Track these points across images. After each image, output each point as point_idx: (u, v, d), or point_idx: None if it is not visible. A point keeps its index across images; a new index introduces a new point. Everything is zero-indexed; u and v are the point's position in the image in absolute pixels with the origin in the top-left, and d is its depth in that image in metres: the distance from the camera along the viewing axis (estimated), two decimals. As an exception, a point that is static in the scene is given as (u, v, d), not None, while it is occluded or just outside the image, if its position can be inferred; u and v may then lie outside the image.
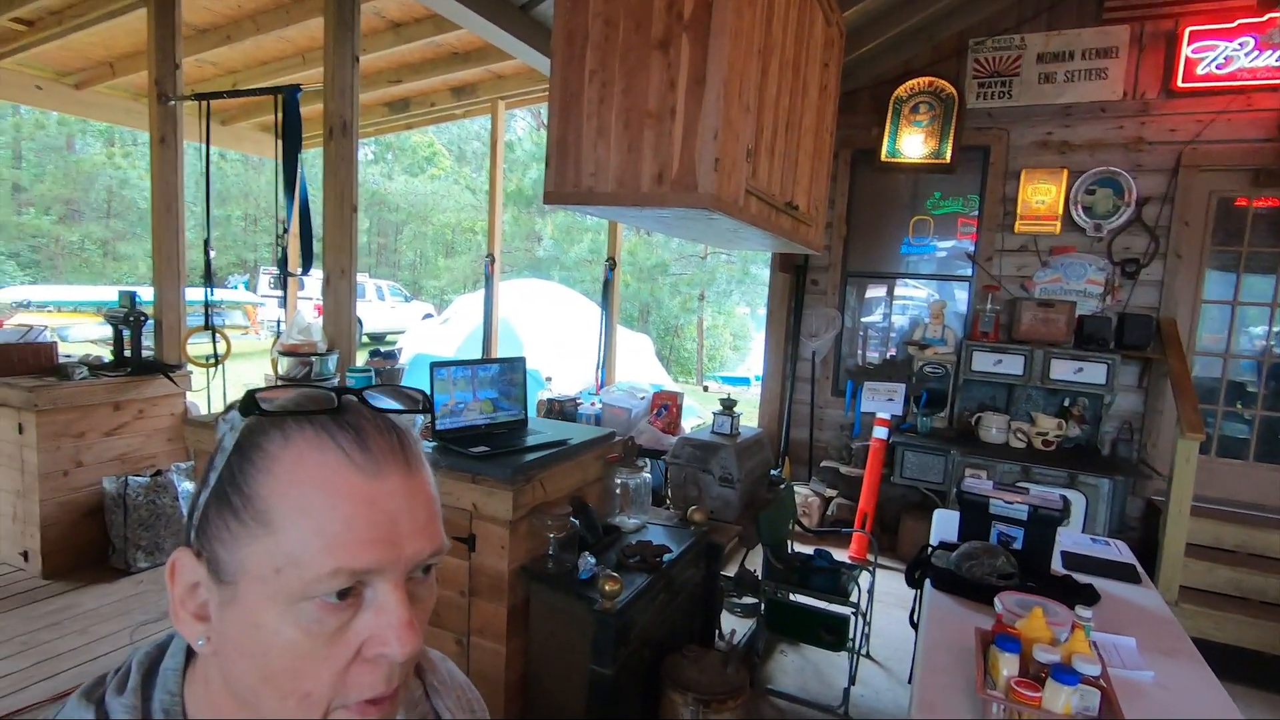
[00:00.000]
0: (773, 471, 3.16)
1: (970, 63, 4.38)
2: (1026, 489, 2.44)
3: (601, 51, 1.90)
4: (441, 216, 19.45)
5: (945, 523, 2.71)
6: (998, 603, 1.85)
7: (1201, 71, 3.86)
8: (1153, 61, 4.00)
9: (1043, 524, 2.24)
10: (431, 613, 0.51)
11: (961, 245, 4.60)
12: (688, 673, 2.09)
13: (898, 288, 4.95)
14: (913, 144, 4.44)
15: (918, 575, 2.34)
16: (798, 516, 3.43)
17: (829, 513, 4.57)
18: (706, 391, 11.26)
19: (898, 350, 4.83)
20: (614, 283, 5.42)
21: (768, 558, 2.81)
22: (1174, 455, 3.42)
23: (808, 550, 3.05)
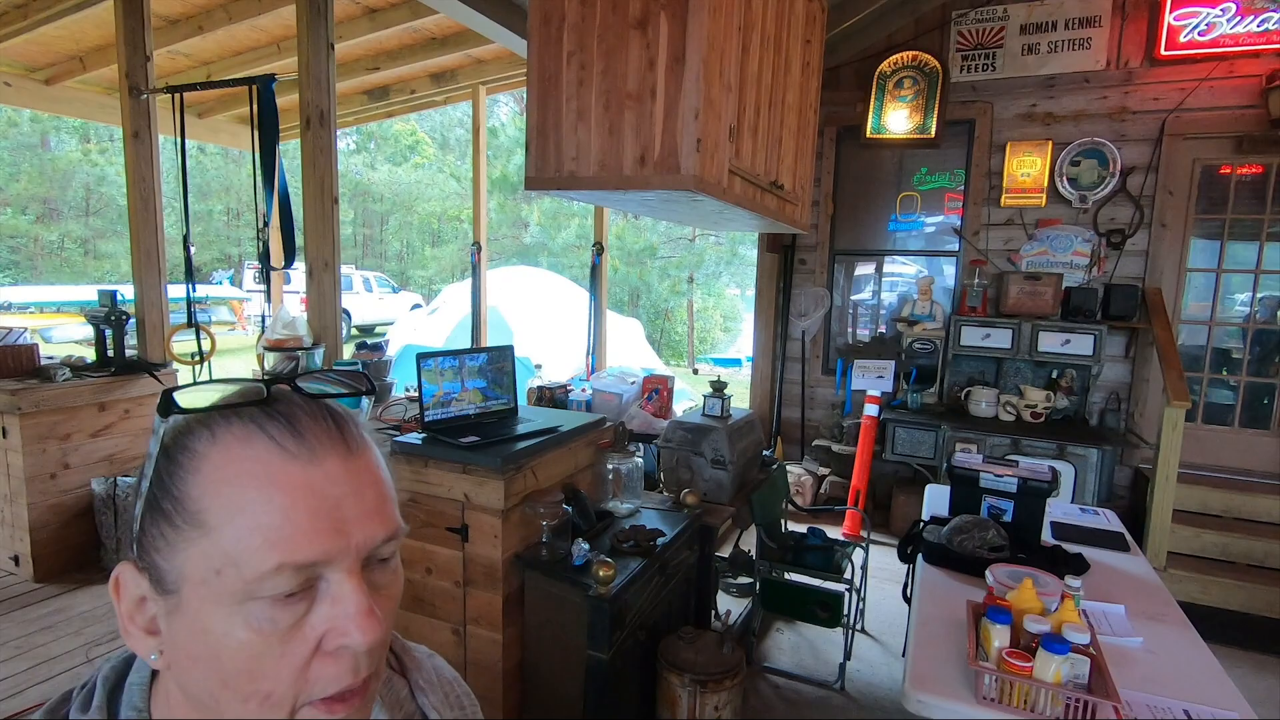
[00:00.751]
0: (765, 452, 3.17)
1: (953, 35, 4.35)
2: (1016, 462, 2.46)
3: (579, 32, 1.87)
4: (426, 205, 19.27)
5: (937, 498, 2.73)
6: (989, 575, 1.87)
7: (1184, 39, 3.85)
8: (1135, 30, 3.98)
9: (1032, 496, 2.26)
10: (425, 603, 0.50)
11: (949, 220, 4.60)
12: (684, 654, 2.11)
13: (886, 265, 4.94)
14: (898, 119, 4.42)
15: (910, 550, 2.36)
16: (790, 496, 3.45)
17: (822, 491, 4.61)
18: (697, 374, 11.27)
19: (887, 327, 4.84)
20: (602, 268, 5.39)
21: (761, 538, 2.83)
22: (1161, 423, 3.45)
23: (801, 529, 3.07)
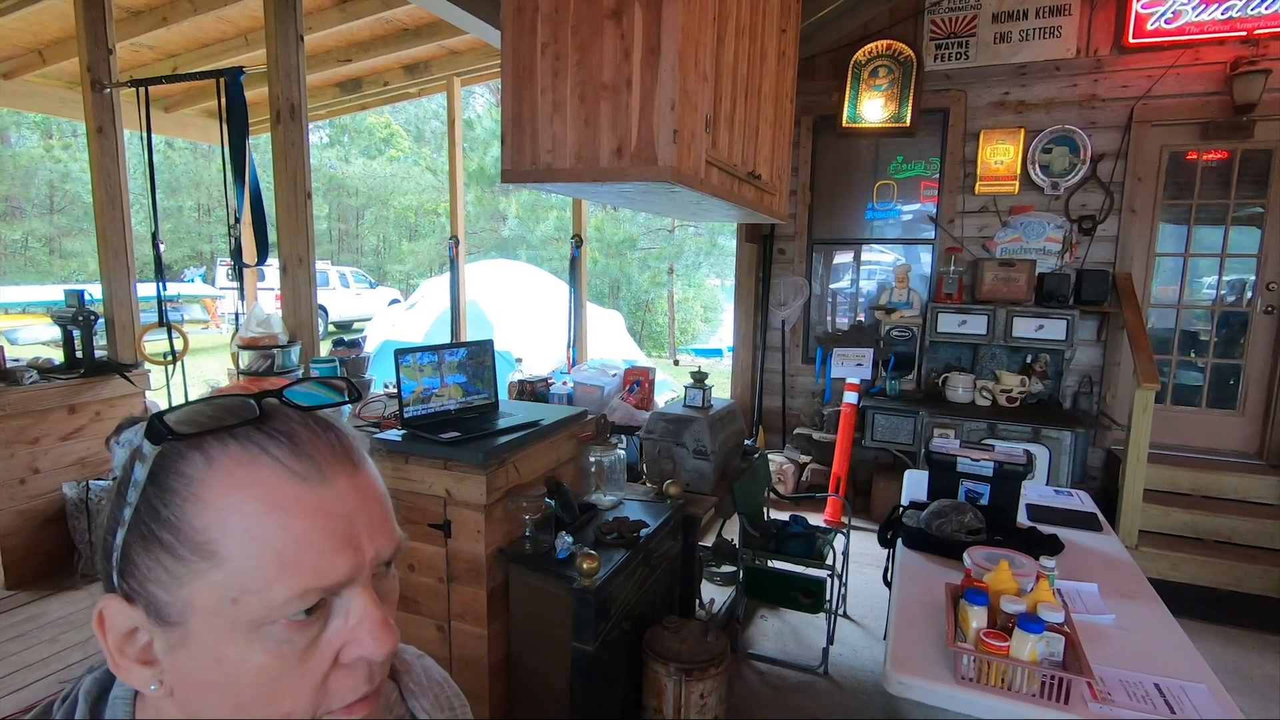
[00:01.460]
0: (746, 441, 3.19)
1: (927, 24, 4.38)
2: (992, 446, 2.50)
3: (552, 23, 1.85)
4: (403, 199, 19.05)
5: (916, 483, 2.77)
6: (966, 558, 1.90)
7: (1151, 26, 3.91)
8: (1104, 18, 4.04)
9: (1008, 479, 2.30)
10: (409, 600, 0.50)
11: (925, 209, 4.64)
12: (669, 643, 2.12)
13: (864, 253, 4.98)
14: (873, 108, 4.45)
15: (890, 535, 2.39)
16: (772, 484, 3.47)
17: (803, 479, 4.65)
18: (678, 365, 11.30)
19: (865, 316, 4.88)
20: (581, 260, 5.38)
21: (744, 526, 2.85)
22: (1132, 405, 3.53)
23: (783, 517, 3.10)
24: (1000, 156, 4.32)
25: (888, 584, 2.72)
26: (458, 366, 2.33)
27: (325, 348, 3.15)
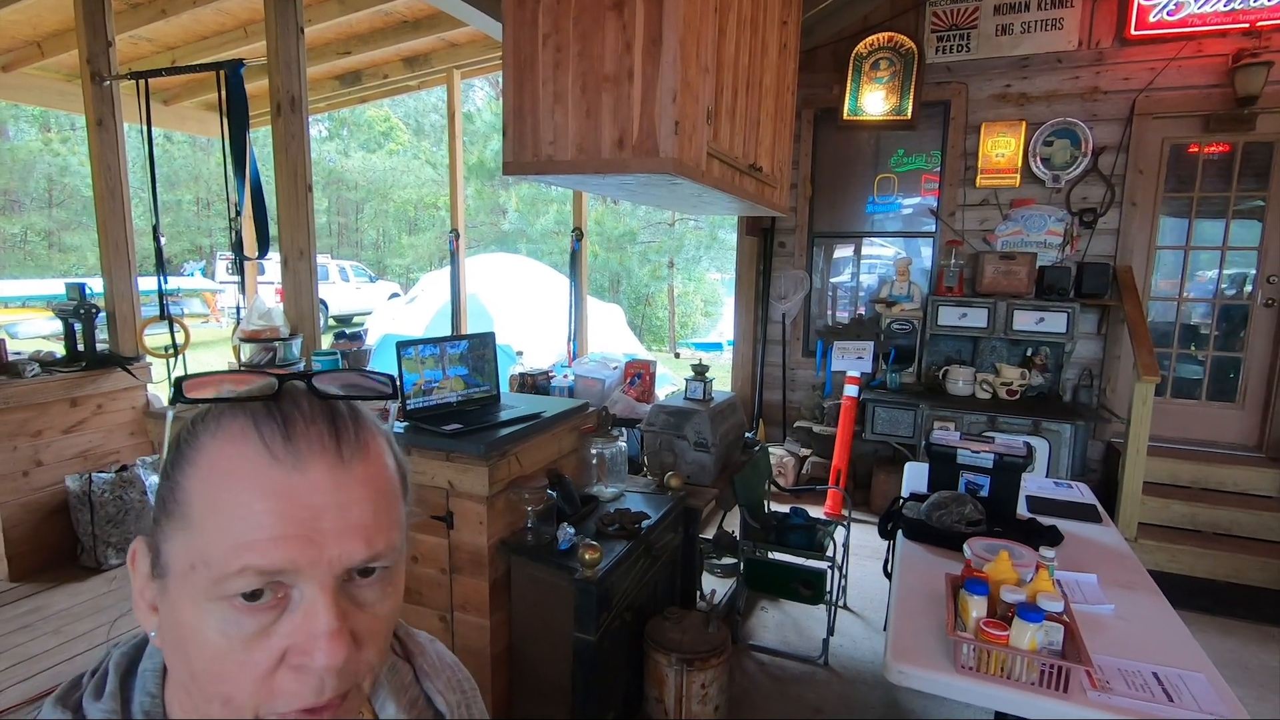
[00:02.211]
0: (746, 434, 3.20)
1: (928, 16, 4.36)
2: (992, 438, 2.51)
3: (554, 14, 1.85)
4: (402, 193, 19.01)
5: (916, 475, 2.77)
6: (966, 549, 1.91)
7: (1154, 19, 3.90)
8: (1106, 10, 4.02)
9: (1007, 471, 2.30)
10: (411, 591, 0.49)
11: (926, 202, 4.64)
12: (670, 634, 2.14)
13: (865, 247, 4.98)
14: (874, 101, 4.44)
15: (890, 527, 2.40)
16: (773, 477, 3.48)
17: (804, 471, 4.66)
18: (678, 358, 11.30)
19: (866, 309, 4.89)
20: (582, 253, 5.37)
21: (745, 518, 2.86)
22: (1131, 398, 3.53)
23: (784, 509, 3.11)
24: (1001, 149, 4.31)
25: (888, 575, 2.73)
26: (459, 359, 2.34)
27: (326, 341, 3.15)
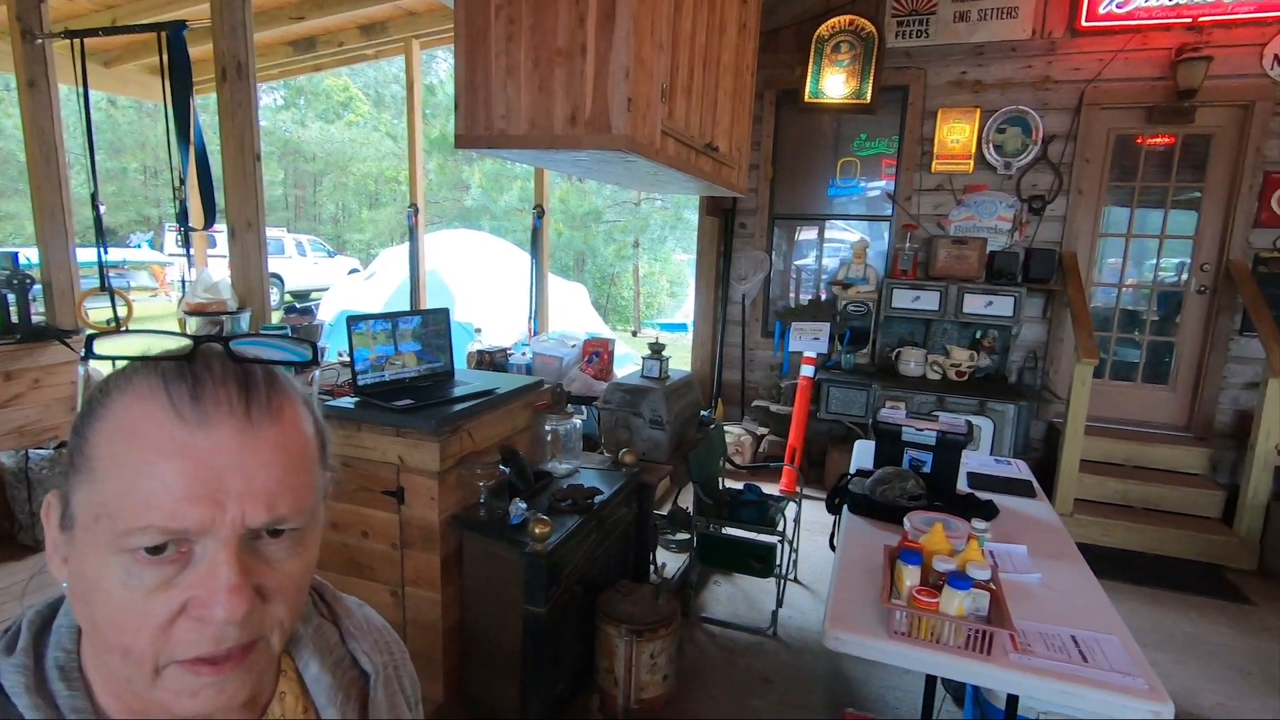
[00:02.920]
0: (703, 412, 3.25)
1: (889, 1, 4.40)
2: (936, 417, 2.59)
3: (507, -15, 1.82)
4: (362, 166, 18.53)
5: (864, 452, 2.85)
6: (906, 522, 1.98)
7: (1103, 10, 4.00)
8: (1059, 1, 4.11)
9: (949, 448, 2.39)
10: (363, 566, 0.50)
11: (887, 186, 4.71)
12: (621, 606, 2.18)
13: (829, 230, 5.04)
14: (835, 84, 4.47)
15: (837, 501, 2.47)
16: (728, 454, 3.54)
17: (761, 450, 4.74)
18: (635, 336, 11.35)
19: (825, 291, 4.96)
20: (543, 230, 5.32)
21: (698, 494, 2.91)
22: (1072, 379, 3.68)
23: (739, 486, 3.17)
24: (956, 135, 4.39)
25: (833, 548, 2.82)
26: (412, 334, 2.32)
27: (277, 316, 3.08)
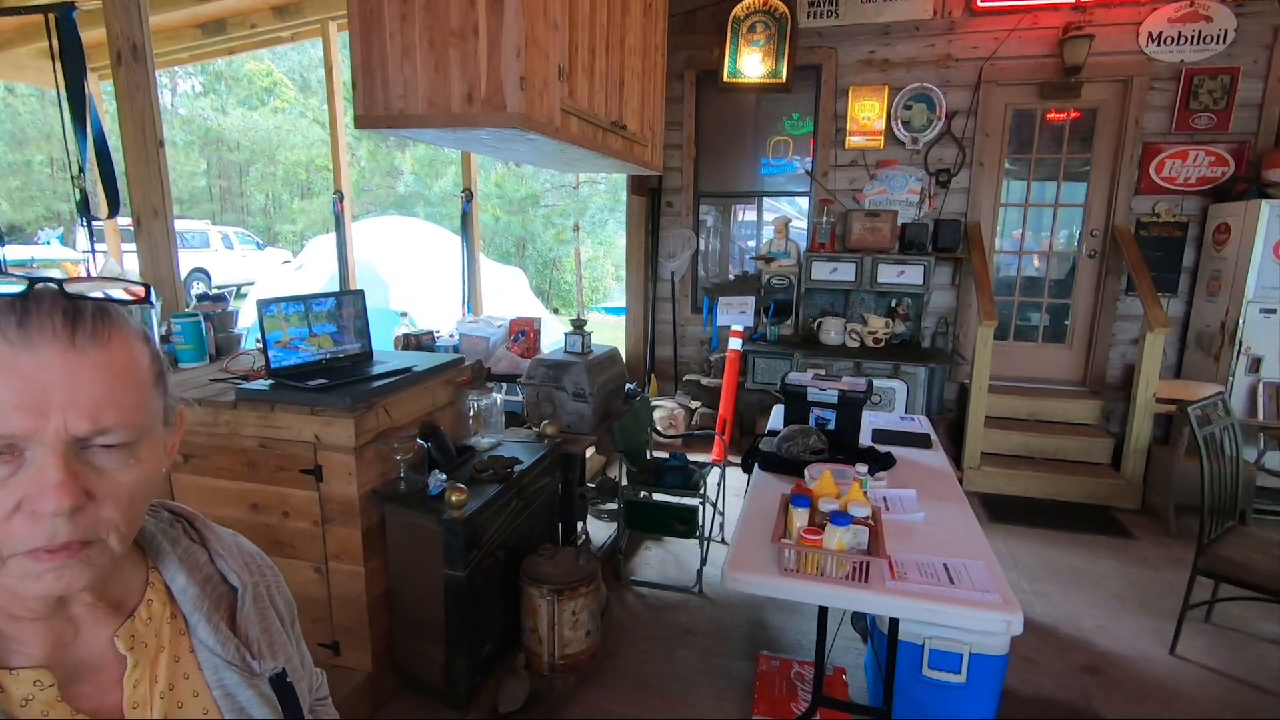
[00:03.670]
0: (628, 385, 3.35)
1: (800, -19, 4.53)
2: (838, 377, 2.76)
3: (398, -34, 1.85)
4: (291, 154, 17.86)
5: (779, 415, 3.01)
6: (806, 473, 2.14)
7: (997, -9, 4.22)
8: (957, -19, 4.32)
9: (850, 406, 2.56)
10: (284, 544, 0.55)
11: (807, 163, 4.87)
12: (544, 569, 2.27)
13: (765, 207, 5.18)
14: (752, 64, 4.59)
15: (750, 461, 2.62)
16: (655, 425, 3.66)
17: (694, 422, 4.89)
18: (556, 314, 11.46)
19: (750, 265, 5.12)
20: (473, 214, 5.32)
21: (624, 464, 3.02)
22: (975, 341, 3.93)
23: (667, 456, 3.29)
24: (867, 113, 4.58)
25: (751, 506, 2.97)
26: (326, 316, 2.34)
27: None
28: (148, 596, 0.63)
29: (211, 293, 2.94)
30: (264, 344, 2.17)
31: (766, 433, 2.69)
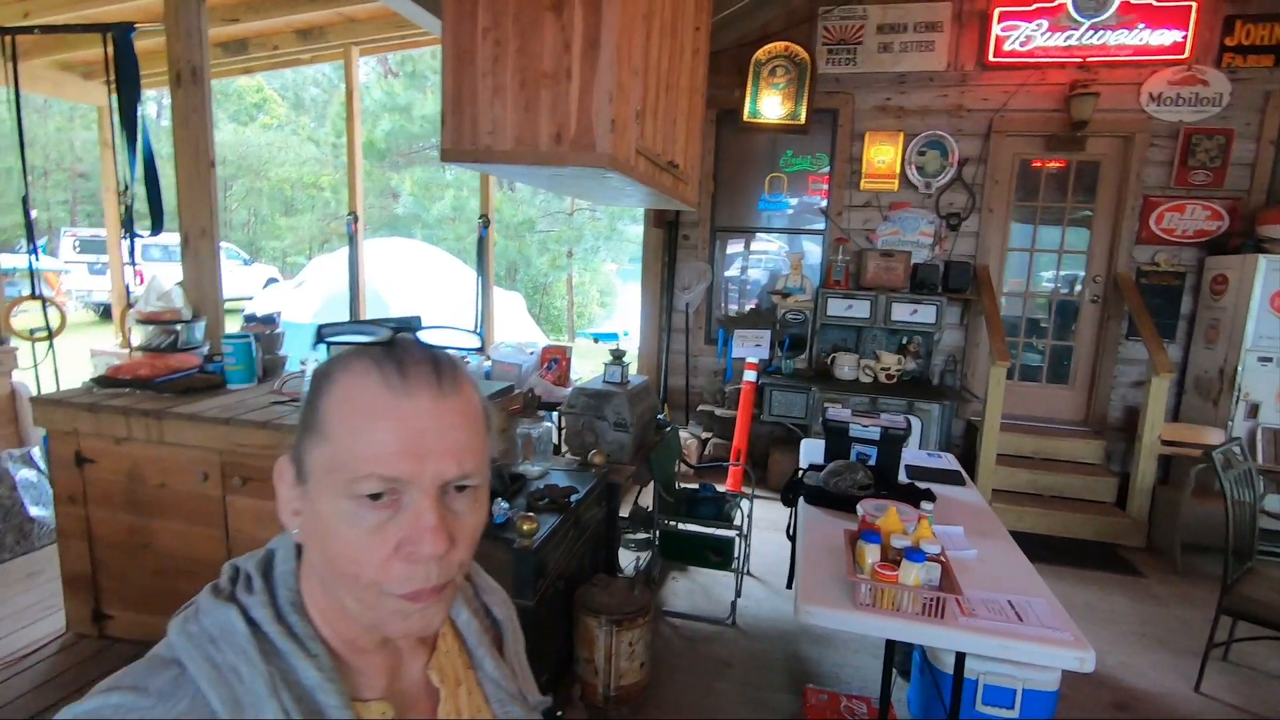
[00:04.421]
0: (659, 416, 3.40)
1: (820, 29, 4.72)
2: (877, 414, 2.84)
3: (493, 10, 1.92)
4: (279, 170, 17.73)
5: (812, 450, 3.07)
6: (859, 508, 2.19)
7: (1008, 48, 4.45)
8: (970, 37, 4.53)
9: (892, 442, 2.63)
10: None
11: (810, 201, 5.03)
12: (599, 599, 2.28)
13: (755, 241, 5.32)
14: (771, 105, 4.75)
15: (792, 495, 2.67)
16: (682, 455, 3.70)
17: (707, 452, 4.94)
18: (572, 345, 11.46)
19: (761, 299, 5.22)
20: (488, 240, 5.37)
21: (658, 492, 3.05)
22: (988, 381, 4.05)
23: (692, 485, 3.33)
24: (882, 156, 4.75)
25: (790, 537, 3.02)
26: (387, 342, 2.35)
27: (235, 324, 3.02)
28: (442, 630, 0.66)
29: (260, 314, 2.94)
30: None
31: (807, 467, 2.74)
